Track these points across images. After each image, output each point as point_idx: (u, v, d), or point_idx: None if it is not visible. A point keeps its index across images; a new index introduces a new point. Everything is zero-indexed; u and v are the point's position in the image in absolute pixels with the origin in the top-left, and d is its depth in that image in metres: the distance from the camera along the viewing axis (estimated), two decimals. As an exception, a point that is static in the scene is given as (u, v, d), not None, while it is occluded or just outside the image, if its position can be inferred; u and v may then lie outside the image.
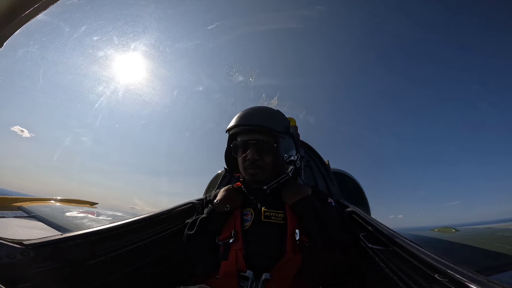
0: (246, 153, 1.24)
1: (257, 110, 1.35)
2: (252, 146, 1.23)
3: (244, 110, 1.33)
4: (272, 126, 1.24)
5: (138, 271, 1.24)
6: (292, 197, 1.20)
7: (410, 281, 0.84)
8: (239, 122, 1.27)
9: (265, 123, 1.25)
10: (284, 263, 1.06)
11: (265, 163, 1.23)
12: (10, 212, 3.61)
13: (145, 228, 1.32)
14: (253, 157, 1.21)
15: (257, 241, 1.13)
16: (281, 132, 1.26)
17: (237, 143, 1.28)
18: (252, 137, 1.24)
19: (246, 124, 1.26)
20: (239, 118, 1.29)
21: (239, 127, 1.26)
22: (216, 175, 3.19)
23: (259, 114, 1.30)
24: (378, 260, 1.04)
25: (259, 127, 1.24)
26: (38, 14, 0.77)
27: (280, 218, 1.19)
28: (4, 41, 0.76)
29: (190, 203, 1.64)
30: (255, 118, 1.27)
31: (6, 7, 0.71)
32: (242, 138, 1.27)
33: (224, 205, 1.22)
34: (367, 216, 1.30)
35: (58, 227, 3.03)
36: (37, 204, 4.26)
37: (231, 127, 1.28)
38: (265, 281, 1.02)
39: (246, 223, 1.20)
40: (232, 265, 1.07)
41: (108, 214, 4.55)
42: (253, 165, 1.22)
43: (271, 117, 1.30)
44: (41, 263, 0.89)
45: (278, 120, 1.31)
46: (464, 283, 0.64)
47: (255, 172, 1.23)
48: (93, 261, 1.04)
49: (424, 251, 0.85)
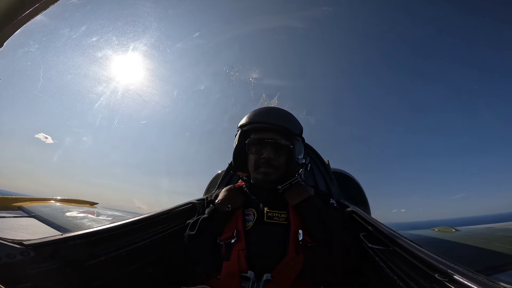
0: (261, 151, 1.23)
1: (275, 110, 1.34)
2: (269, 145, 1.22)
3: (260, 108, 1.33)
4: (290, 127, 1.25)
5: (138, 271, 1.24)
6: (295, 198, 1.20)
7: (411, 281, 0.84)
8: (256, 119, 1.26)
9: (283, 123, 1.24)
10: (286, 264, 1.06)
11: (279, 164, 1.23)
12: (10, 212, 3.61)
13: (145, 228, 1.32)
14: (270, 156, 1.21)
15: (259, 242, 1.13)
16: (297, 134, 1.27)
17: (253, 140, 1.25)
18: (269, 136, 1.23)
19: (264, 122, 1.25)
20: (256, 115, 1.28)
21: (256, 124, 1.26)
22: (216, 175, 3.19)
23: (277, 114, 1.30)
24: (378, 260, 1.04)
25: (278, 127, 1.23)
26: (38, 14, 0.77)
27: (283, 218, 1.19)
28: (4, 41, 0.76)
29: (190, 203, 1.64)
30: (275, 117, 1.27)
31: (6, 7, 0.71)
32: (258, 135, 1.25)
33: (225, 205, 1.21)
34: (367, 216, 1.30)
35: (58, 227, 3.03)
36: (37, 204, 4.26)
37: (247, 123, 1.27)
38: (266, 282, 1.01)
39: (248, 223, 1.19)
40: (234, 266, 1.07)
41: (108, 214, 4.55)
42: (268, 164, 1.22)
43: (289, 118, 1.30)
44: (41, 263, 0.88)
45: (295, 123, 1.31)
46: (464, 283, 0.64)
47: (269, 171, 1.23)
48: (93, 261, 1.04)
49: (424, 251, 0.85)
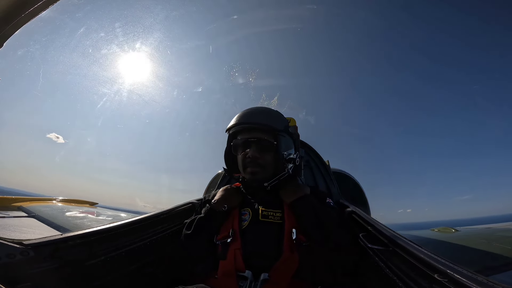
0: (246, 151, 1.25)
1: (257, 109, 1.36)
2: (253, 144, 1.24)
3: (244, 110, 1.34)
4: (273, 124, 1.26)
5: (138, 271, 1.24)
6: (290, 196, 1.21)
7: (410, 281, 0.84)
8: (239, 121, 1.28)
9: (265, 121, 1.26)
10: (282, 263, 1.06)
11: (265, 161, 1.24)
12: (10, 212, 3.61)
13: (145, 228, 1.32)
14: (254, 154, 1.22)
15: (254, 241, 1.13)
16: (281, 130, 1.27)
17: (238, 141, 1.28)
18: (253, 135, 1.25)
19: (246, 122, 1.27)
20: (240, 117, 1.30)
21: (240, 126, 1.27)
22: (216, 175, 3.19)
23: (259, 113, 1.32)
24: (378, 260, 1.04)
25: (260, 125, 1.25)
26: (38, 14, 0.77)
27: (278, 217, 1.19)
28: (4, 41, 0.76)
29: (190, 203, 1.64)
30: (256, 117, 1.29)
31: (6, 7, 0.71)
32: (243, 136, 1.28)
33: (221, 205, 1.23)
34: (367, 216, 1.30)
35: (58, 227, 3.03)
36: (37, 204, 4.26)
37: (232, 126, 1.29)
38: (264, 281, 1.01)
39: (244, 223, 1.20)
40: (230, 265, 1.07)
41: (108, 214, 4.55)
42: (254, 163, 1.23)
43: (271, 116, 1.32)
44: (41, 263, 0.89)
45: (278, 119, 1.32)
46: (464, 283, 0.64)
47: (256, 170, 1.23)
48: (93, 261, 1.04)
49: (424, 251, 0.85)
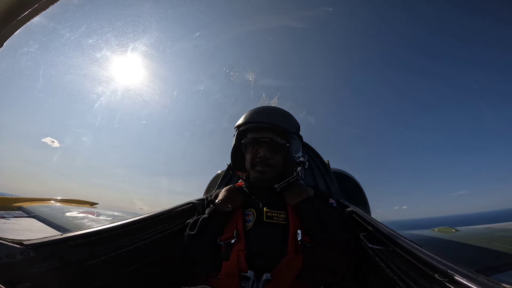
0: (256, 150, 1.24)
1: (271, 109, 1.35)
2: (265, 144, 1.23)
3: (256, 108, 1.33)
4: (286, 126, 1.25)
5: (138, 271, 1.24)
6: (294, 198, 1.20)
7: (410, 281, 0.84)
8: (252, 119, 1.27)
9: (279, 122, 1.25)
10: (286, 264, 1.06)
11: (276, 162, 1.24)
12: (10, 212, 3.61)
13: (145, 228, 1.32)
14: (266, 155, 1.22)
15: (259, 242, 1.13)
16: (293, 133, 1.27)
17: (249, 140, 1.27)
18: (265, 135, 1.24)
19: (260, 121, 1.26)
20: (252, 115, 1.28)
21: (252, 124, 1.26)
22: (216, 175, 3.19)
23: (272, 113, 1.30)
24: (378, 260, 1.04)
25: (274, 126, 1.24)
26: (38, 14, 0.77)
27: (282, 218, 1.19)
28: (4, 41, 0.76)
29: (190, 203, 1.64)
30: (269, 117, 1.27)
31: (6, 7, 0.71)
32: (254, 135, 1.26)
33: (225, 205, 1.22)
34: (367, 216, 1.30)
35: (58, 227, 3.03)
36: (37, 204, 4.26)
37: (243, 123, 1.28)
38: (266, 282, 1.01)
39: (248, 224, 1.20)
40: (233, 266, 1.07)
41: (108, 214, 4.55)
42: (264, 163, 1.23)
43: (285, 117, 1.31)
44: (41, 263, 0.88)
45: (291, 121, 1.31)
46: (464, 283, 0.65)
47: (266, 169, 1.23)
48: (93, 261, 1.04)
49: (424, 251, 0.86)
